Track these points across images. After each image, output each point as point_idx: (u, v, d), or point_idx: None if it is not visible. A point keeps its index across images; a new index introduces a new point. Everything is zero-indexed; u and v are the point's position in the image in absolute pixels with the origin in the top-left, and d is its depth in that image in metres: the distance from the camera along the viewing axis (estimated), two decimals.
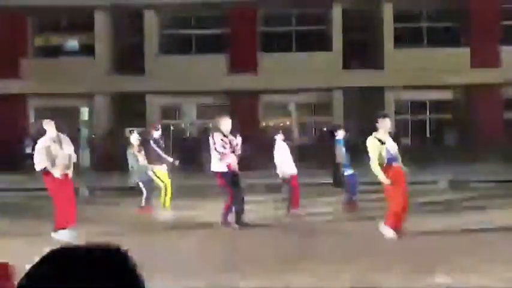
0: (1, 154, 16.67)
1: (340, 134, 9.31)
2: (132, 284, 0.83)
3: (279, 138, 9.20)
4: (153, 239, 7.07)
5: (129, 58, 19.38)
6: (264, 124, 19.01)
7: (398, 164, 6.78)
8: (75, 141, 18.14)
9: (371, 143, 6.67)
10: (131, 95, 18.48)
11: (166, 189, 9.39)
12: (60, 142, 7.10)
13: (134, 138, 9.75)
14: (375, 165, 6.57)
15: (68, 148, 7.15)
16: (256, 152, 15.76)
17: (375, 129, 6.81)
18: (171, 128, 19.33)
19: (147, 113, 18.57)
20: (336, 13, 18.43)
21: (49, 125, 7.20)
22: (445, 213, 8.79)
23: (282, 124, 19.51)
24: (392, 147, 6.76)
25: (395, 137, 8.69)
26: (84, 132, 19.52)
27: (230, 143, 7.65)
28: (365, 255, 5.82)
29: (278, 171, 9.05)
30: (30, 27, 19.29)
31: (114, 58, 19.24)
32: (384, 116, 6.95)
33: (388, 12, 18.49)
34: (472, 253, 5.74)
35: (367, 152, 6.72)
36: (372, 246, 6.29)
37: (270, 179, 10.97)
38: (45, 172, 6.94)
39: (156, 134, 9.56)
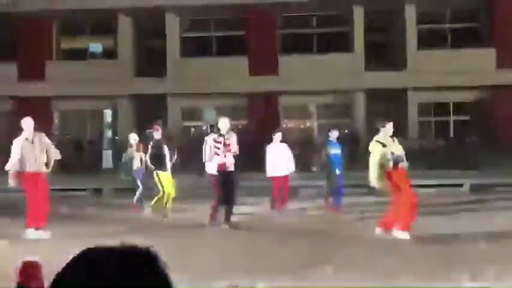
0: None
1: (332, 135, 9.31)
2: (162, 285, 0.85)
3: (277, 138, 9.24)
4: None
5: (151, 61, 19.63)
6: (284, 126, 18.98)
7: (402, 166, 6.81)
8: (99, 143, 18.65)
9: (373, 146, 6.82)
10: (153, 97, 18.69)
11: (166, 195, 8.82)
12: (32, 141, 7.09)
13: (132, 138, 9.89)
14: (373, 169, 6.74)
15: (42, 148, 7.09)
16: None
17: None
18: (192, 129, 19.49)
19: (169, 114, 18.77)
20: (357, 14, 18.31)
21: (26, 124, 7.16)
22: (468, 216, 8.65)
23: (302, 126, 19.47)
24: (396, 149, 6.82)
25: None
26: (107, 133, 19.80)
27: (224, 143, 7.70)
28: (383, 258, 5.77)
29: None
30: (56, 30, 19.70)
31: (136, 61, 19.50)
32: (388, 122, 7.06)
33: (410, 12, 18.29)
34: (494, 257, 5.65)
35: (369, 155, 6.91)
36: (389, 250, 6.23)
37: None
38: (19, 172, 7.02)
39: (157, 135, 8.94)
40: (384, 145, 6.76)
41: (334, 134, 9.37)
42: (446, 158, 15.57)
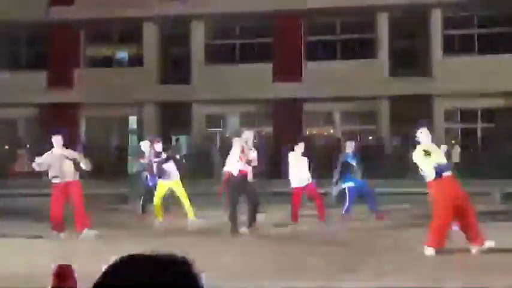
0: None
1: (348, 147, 9.26)
2: None
3: (298, 149, 9.03)
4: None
5: (176, 68, 19.87)
6: (307, 132, 18.92)
7: (448, 174, 6.47)
8: (124, 149, 18.91)
9: (416, 155, 6.35)
10: (178, 104, 18.90)
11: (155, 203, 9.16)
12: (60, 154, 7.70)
13: (144, 146, 10.21)
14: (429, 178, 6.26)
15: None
16: None
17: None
18: (217, 136, 19.60)
19: (193, 121, 18.94)
20: (382, 20, 18.18)
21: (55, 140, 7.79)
22: (498, 226, 8.43)
23: (325, 133, 19.37)
24: (440, 157, 6.47)
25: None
26: (133, 140, 20.07)
27: (246, 154, 7.89)
28: (406, 268, 5.68)
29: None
30: (83, 39, 20.13)
31: (161, 68, 19.75)
32: (424, 125, 6.71)
33: (436, 18, 18.07)
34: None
35: (415, 167, 6.51)
36: (413, 260, 6.12)
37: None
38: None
39: (158, 147, 9.46)
40: (428, 153, 6.26)
41: (350, 146, 9.34)
42: (475, 166, 15.26)
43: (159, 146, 9.48)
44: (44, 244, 7.06)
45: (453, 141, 14.40)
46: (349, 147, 9.36)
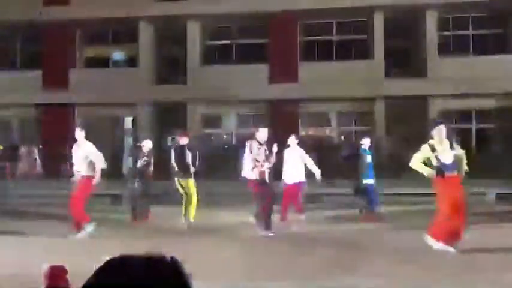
0: (51, 161, 17.35)
1: (365, 143, 9.27)
2: None
3: (291, 142, 9.07)
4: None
5: (172, 68, 19.84)
6: (303, 133, 18.93)
7: (453, 174, 6.52)
8: (119, 149, 18.86)
9: (422, 147, 6.56)
10: (174, 104, 18.87)
11: (188, 200, 8.85)
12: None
13: (147, 145, 10.10)
14: (413, 163, 6.49)
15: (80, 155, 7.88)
16: None
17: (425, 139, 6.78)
18: (212, 136, 19.58)
19: (189, 122, 18.90)
20: (377, 21, 18.22)
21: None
22: (491, 226, 8.47)
23: (321, 134, 19.39)
24: (446, 156, 6.58)
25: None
26: (128, 140, 20.01)
27: (265, 152, 7.78)
28: (406, 267, 5.69)
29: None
30: (79, 39, 20.07)
31: (157, 68, 19.72)
32: (439, 124, 6.79)
33: (431, 19, 18.13)
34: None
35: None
36: (412, 258, 6.13)
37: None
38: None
39: (183, 141, 9.11)
40: (433, 149, 6.47)
41: (366, 142, 9.30)
42: (470, 167, 15.27)
43: (184, 140, 9.03)
44: (38, 243, 7.03)
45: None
46: (365, 143, 9.29)
